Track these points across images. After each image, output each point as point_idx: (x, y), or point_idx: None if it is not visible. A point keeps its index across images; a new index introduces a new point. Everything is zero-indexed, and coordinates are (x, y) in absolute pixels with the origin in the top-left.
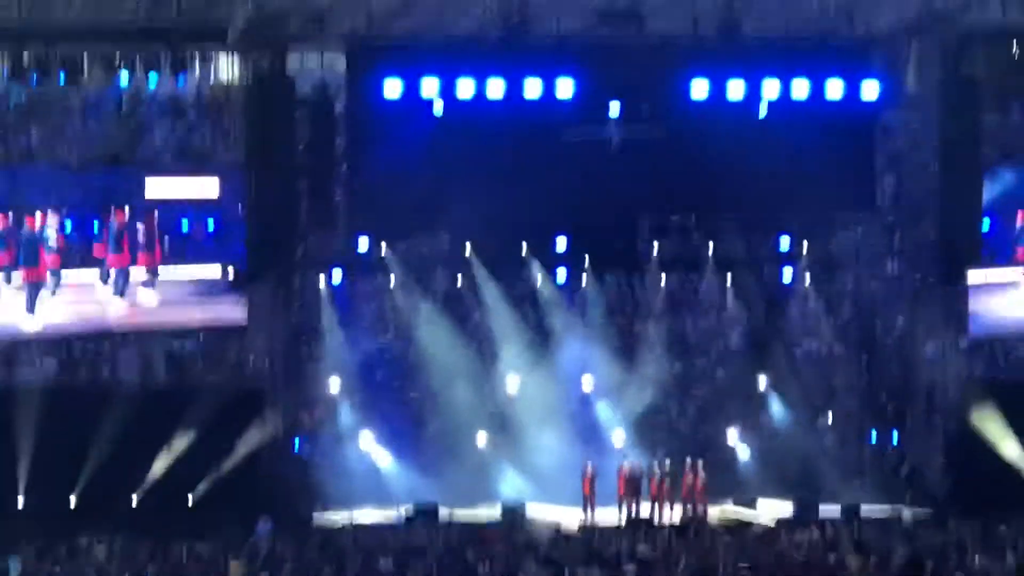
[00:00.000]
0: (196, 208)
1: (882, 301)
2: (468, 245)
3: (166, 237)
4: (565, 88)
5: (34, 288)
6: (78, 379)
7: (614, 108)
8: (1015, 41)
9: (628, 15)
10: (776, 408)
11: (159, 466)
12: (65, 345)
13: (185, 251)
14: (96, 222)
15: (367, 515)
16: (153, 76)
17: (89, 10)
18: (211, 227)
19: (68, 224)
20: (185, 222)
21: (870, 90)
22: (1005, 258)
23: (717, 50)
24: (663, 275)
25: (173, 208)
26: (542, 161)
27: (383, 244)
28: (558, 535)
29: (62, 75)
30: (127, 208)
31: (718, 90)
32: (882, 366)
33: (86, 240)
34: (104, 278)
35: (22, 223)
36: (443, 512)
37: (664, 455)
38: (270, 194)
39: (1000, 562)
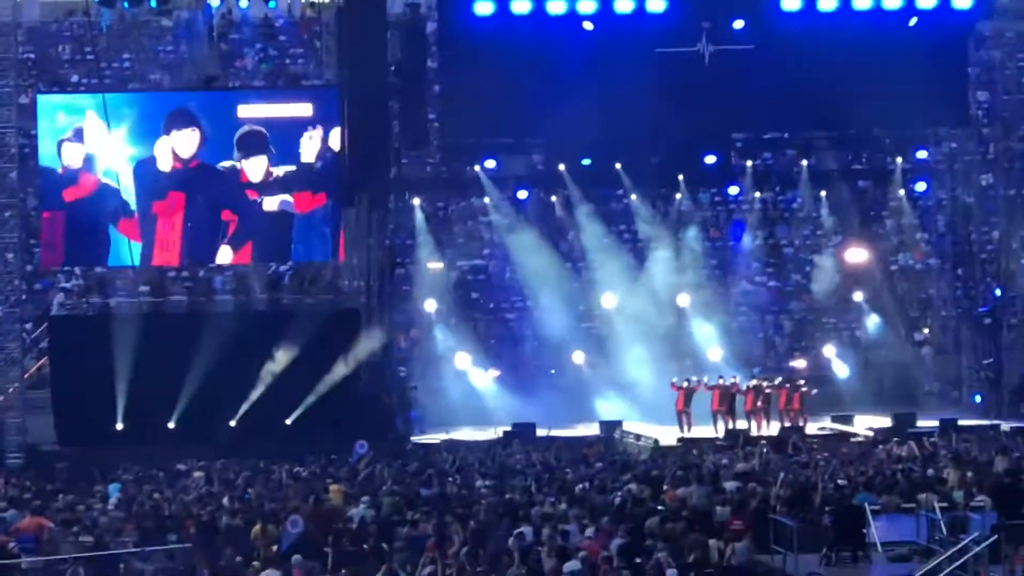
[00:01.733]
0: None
1: (977, 213)
2: (561, 163)
3: None
4: (656, 3)
5: None
6: (174, 304)
7: (706, 23)
8: None
9: None
10: (872, 322)
11: (256, 390)
12: (158, 271)
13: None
14: None
15: (465, 435)
16: None
17: None
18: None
19: None
20: None
21: (962, 0)
22: None
23: None
24: (757, 191)
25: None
26: (634, 78)
27: (476, 164)
28: (656, 452)
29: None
30: None
31: (810, 3)
32: (978, 278)
33: None
34: None
35: None
36: (540, 431)
37: (761, 371)
38: (363, 116)
39: None
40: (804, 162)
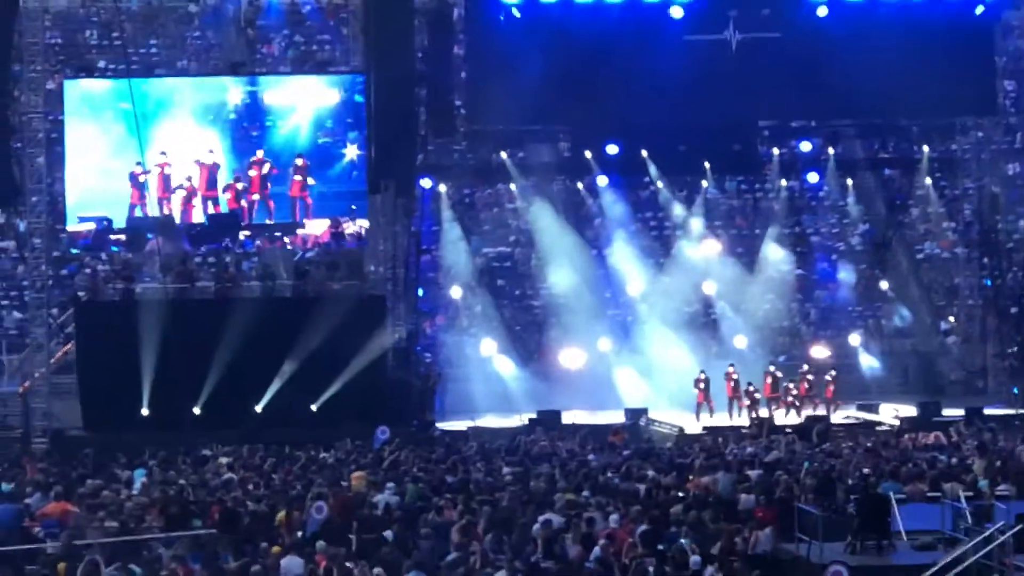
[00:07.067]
0: None
1: (1003, 202)
2: (588, 150)
3: None
4: None
5: None
6: (200, 289)
7: (732, 11)
8: None
9: None
10: (898, 311)
11: (282, 375)
12: (183, 257)
13: None
14: None
15: (490, 422)
16: None
17: None
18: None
19: None
20: None
21: None
22: None
23: None
24: (783, 179)
25: None
26: (661, 65)
27: (503, 151)
28: (681, 440)
29: None
30: None
31: None
32: (1003, 267)
33: None
34: None
35: None
36: (566, 417)
37: (787, 359)
38: (390, 102)
39: None
40: (831, 150)
